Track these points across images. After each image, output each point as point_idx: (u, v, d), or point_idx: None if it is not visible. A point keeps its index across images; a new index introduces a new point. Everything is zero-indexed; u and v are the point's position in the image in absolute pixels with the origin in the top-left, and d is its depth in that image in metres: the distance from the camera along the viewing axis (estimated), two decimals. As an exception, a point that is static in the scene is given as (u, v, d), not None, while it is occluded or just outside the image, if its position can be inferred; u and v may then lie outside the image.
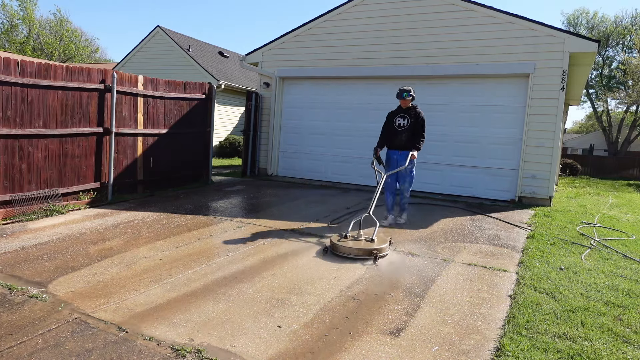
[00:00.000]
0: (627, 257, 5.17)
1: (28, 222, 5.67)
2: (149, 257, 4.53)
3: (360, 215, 5.42)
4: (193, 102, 8.88)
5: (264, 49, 10.93)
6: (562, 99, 8.21)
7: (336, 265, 4.49)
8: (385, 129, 6.39)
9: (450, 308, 3.58)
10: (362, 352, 2.87)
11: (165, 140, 8.31)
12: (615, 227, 6.86)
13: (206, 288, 3.79)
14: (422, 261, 4.75)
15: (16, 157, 5.91)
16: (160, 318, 3.22)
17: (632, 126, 31.54)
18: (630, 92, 25.97)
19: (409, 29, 9.34)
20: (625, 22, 32.46)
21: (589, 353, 2.90)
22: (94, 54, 42.08)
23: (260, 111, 11.02)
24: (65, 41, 36.70)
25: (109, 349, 2.78)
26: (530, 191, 8.45)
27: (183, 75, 15.71)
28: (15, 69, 5.81)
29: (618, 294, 3.94)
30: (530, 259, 4.87)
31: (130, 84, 7.51)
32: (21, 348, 2.75)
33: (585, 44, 8.12)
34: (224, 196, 8.13)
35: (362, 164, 10.09)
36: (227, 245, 5.10)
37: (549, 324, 3.29)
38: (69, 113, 6.56)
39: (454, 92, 9.16)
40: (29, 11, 34.05)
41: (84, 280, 3.86)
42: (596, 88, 34.61)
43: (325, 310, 3.45)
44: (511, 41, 8.49)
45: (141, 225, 5.77)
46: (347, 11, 9.99)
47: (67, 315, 3.20)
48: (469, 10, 8.81)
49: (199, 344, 2.88)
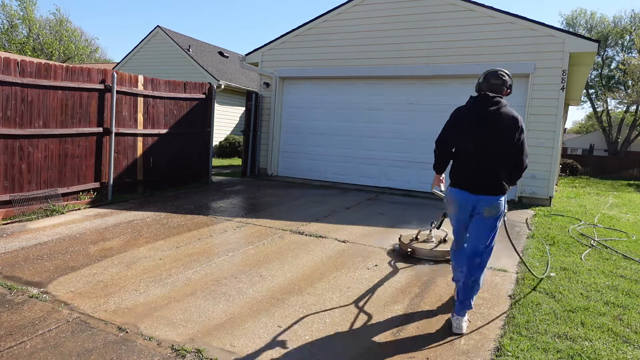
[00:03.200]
0: (627, 257, 5.17)
1: (28, 222, 5.67)
2: (149, 257, 4.53)
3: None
4: (193, 102, 8.88)
5: (264, 49, 10.93)
6: (562, 99, 8.21)
7: (334, 265, 4.49)
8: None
9: (451, 308, 3.58)
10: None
11: (165, 140, 8.30)
12: (615, 227, 6.86)
13: (206, 288, 3.79)
14: (421, 261, 4.76)
15: (16, 157, 5.91)
16: (160, 318, 3.22)
17: (632, 126, 31.54)
18: (630, 92, 25.99)
19: (409, 29, 9.34)
20: (624, 23, 32.47)
21: (589, 353, 2.90)
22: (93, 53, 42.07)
23: (260, 111, 11.02)
24: (65, 41, 36.69)
25: (109, 349, 2.78)
26: (530, 191, 8.45)
27: (183, 75, 15.70)
28: (15, 69, 5.81)
29: (618, 294, 3.94)
30: (530, 259, 4.87)
31: (130, 84, 7.51)
32: (21, 348, 2.75)
33: (585, 44, 8.13)
34: (224, 196, 8.13)
35: (362, 164, 10.10)
36: (227, 245, 5.10)
37: (549, 324, 3.29)
38: (69, 113, 6.56)
39: (454, 92, 9.16)
40: (29, 11, 34.04)
41: (84, 280, 3.86)
42: (596, 88, 34.61)
43: (325, 310, 3.46)
44: (511, 41, 8.49)
45: (141, 225, 5.77)
46: (347, 11, 9.99)
47: (67, 315, 3.20)
48: (469, 10, 8.81)
49: (199, 344, 2.88)
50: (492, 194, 3.19)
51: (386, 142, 9.85)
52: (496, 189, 3.20)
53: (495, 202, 3.19)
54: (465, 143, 3.27)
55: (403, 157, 9.67)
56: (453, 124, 3.36)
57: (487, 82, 3.29)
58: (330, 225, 6.18)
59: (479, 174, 3.21)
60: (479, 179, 3.21)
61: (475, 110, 3.25)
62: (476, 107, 3.26)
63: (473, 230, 3.31)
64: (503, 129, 3.15)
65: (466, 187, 3.25)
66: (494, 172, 3.18)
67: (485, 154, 3.18)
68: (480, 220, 3.25)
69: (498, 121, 3.17)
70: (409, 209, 7.64)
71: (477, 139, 3.20)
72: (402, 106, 9.70)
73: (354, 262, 4.62)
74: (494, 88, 3.27)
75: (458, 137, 3.33)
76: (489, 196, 3.19)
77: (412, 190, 9.38)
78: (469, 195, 3.24)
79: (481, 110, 3.22)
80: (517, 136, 3.15)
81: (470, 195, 3.23)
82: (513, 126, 3.15)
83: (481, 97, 3.26)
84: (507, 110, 3.19)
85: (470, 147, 3.23)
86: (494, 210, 3.21)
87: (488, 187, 3.19)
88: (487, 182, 3.20)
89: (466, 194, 3.25)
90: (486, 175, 3.19)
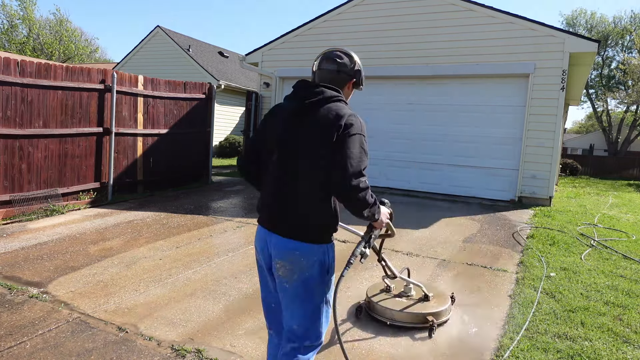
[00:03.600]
0: (627, 257, 5.17)
1: (28, 222, 5.67)
2: (149, 257, 4.53)
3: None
4: (193, 102, 8.88)
5: (264, 49, 10.93)
6: (562, 99, 8.21)
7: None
8: None
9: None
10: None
11: (165, 140, 8.30)
12: (615, 227, 6.86)
13: (206, 288, 3.79)
14: (422, 260, 4.75)
15: (16, 157, 5.91)
16: (160, 318, 3.22)
17: (632, 126, 31.53)
18: (630, 92, 25.97)
19: (408, 29, 9.34)
20: (624, 22, 32.47)
21: (589, 353, 2.90)
22: (93, 53, 42.04)
23: (260, 111, 11.01)
24: (65, 41, 36.67)
25: (109, 349, 2.78)
26: (530, 191, 8.44)
27: (183, 75, 15.70)
28: (15, 69, 5.81)
29: (618, 294, 3.94)
30: (530, 259, 4.87)
31: (130, 84, 7.51)
32: (21, 348, 2.75)
33: (585, 44, 8.12)
34: (224, 196, 8.13)
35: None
36: (227, 245, 5.10)
37: (548, 324, 3.29)
38: (69, 113, 6.56)
39: (453, 92, 9.16)
40: (29, 11, 34.03)
41: (83, 280, 3.86)
42: (596, 88, 34.59)
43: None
44: (511, 41, 8.49)
45: (141, 225, 5.77)
46: (347, 11, 9.99)
47: (67, 315, 3.20)
48: (468, 10, 8.81)
49: (199, 344, 2.88)
50: (287, 235, 1.97)
51: (386, 142, 9.85)
52: (297, 227, 1.97)
53: (290, 249, 1.96)
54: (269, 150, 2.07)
55: (403, 157, 9.66)
56: (260, 123, 2.22)
57: (319, 68, 2.17)
58: (330, 225, 6.16)
59: (278, 199, 2.02)
60: (276, 208, 2.02)
61: (285, 105, 2.10)
62: (286, 100, 2.10)
63: (281, 297, 2.08)
64: (319, 131, 1.93)
65: (261, 220, 2.11)
66: (301, 195, 1.96)
67: (288, 168, 1.99)
68: (279, 281, 2.04)
69: (312, 120, 1.96)
70: (408, 209, 7.64)
71: (281, 145, 2.02)
72: (402, 106, 9.70)
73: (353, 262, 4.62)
74: (324, 76, 2.13)
75: (261, 142, 2.14)
76: (282, 238, 1.98)
77: (412, 190, 9.37)
78: (263, 233, 2.08)
79: (290, 105, 2.06)
80: (340, 140, 1.88)
81: (264, 233, 2.07)
82: (333, 126, 1.90)
83: (299, 85, 2.08)
84: (330, 107, 1.96)
85: (272, 158, 2.05)
86: (290, 265, 1.97)
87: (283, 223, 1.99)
88: (284, 214, 1.99)
89: (261, 231, 2.10)
90: (285, 203, 1.99)
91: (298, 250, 1.95)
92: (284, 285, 2.01)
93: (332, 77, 2.11)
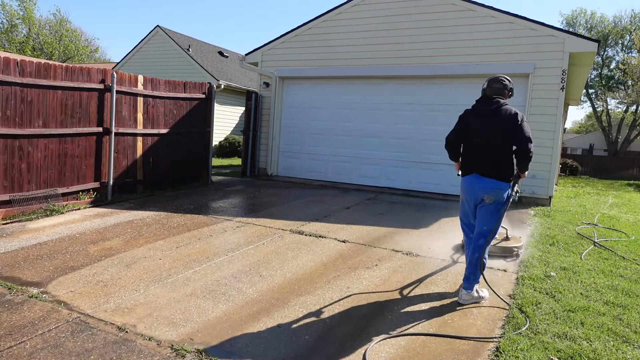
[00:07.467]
0: (626, 257, 5.17)
1: (28, 222, 5.67)
2: (149, 257, 4.53)
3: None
4: (193, 102, 8.87)
5: (264, 48, 10.93)
6: (562, 99, 8.21)
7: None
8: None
9: (451, 307, 3.59)
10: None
11: (165, 140, 8.30)
12: (615, 227, 6.86)
13: (206, 288, 3.79)
14: (421, 260, 4.76)
15: (16, 157, 5.91)
16: (160, 318, 3.22)
17: (632, 126, 31.54)
18: (630, 92, 25.97)
19: (408, 29, 9.34)
20: (625, 22, 32.46)
21: (589, 353, 2.90)
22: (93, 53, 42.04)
23: (260, 111, 11.02)
24: (64, 41, 36.68)
25: (108, 349, 2.78)
26: (530, 191, 8.45)
27: (183, 75, 15.71)
28: (15, 68, 5.81)
29: (618, 294, 3.94)
30: (530, 259, 4.87)
31: (130, 84, 7.51)
32: (21, 348, 2.75)
33: (585, 43, 8.12)
34: (224, 196, 8.13)
35: (362, 164, 10.09)
36: (227, 245, 5.10)
37: (548, 324, 3.29)
38: (69, 113, 6.55)
39: (454, 92, 9.16)
40: (29, 11, 34.02)
41: (83, 280, 3.86)
42: (596, 88, 34.59)
43: (325, 310, 3.46)
44: (511, 41, 8.49)
45: (141, 225, 5.77)
46: (347, 11, 9.98)
47: (66, 315, 3.20)
48: (468, 10, 8.81)
49: (198, 344, 2.88)
50: (494, 178, 3.67)
51: (386, 142, 9.85)
52: (498, 175, 3.66)
53: (496, 187, 3.65)
54: (469, 137, 3.84)
55: (403, 157, 9.66)
56: (459, 122, 3.96)
57: (490, 86, 3.82)
58: (330, 225, 6.18)
59: (481, 163, 3.73)
60: (481, 167, 3.73)
61: (478, 109, 3.83)
62: (478, 106, 3.85)
63: (478, 214, 3.81)
64: (502, 123, 3.63)
65: (470, 173, 3.82)
66: (494, 160, 3.67)
67: (486, 146, 3.69)
68: (483, 205, 3.74)
69: (497, 117, 3.65)
70: (408, 209, 7.65)
71: (478, 135, 3.75)
72: (402, 106, 9.70)
73: (353, 262, 4.62)
74: (495, 91, 3.78)
75: (463, 133, 3.88)
76: (490, 181, 3.68)
77: (412, 190, 9.37)
78: (472, 180, 3.78)
79: (482, 109, 3.78)
80: (517, 127, 3.56)
81: (473, 181, 3.77)
82: (512, 120, 3.59)
83: (482, 98, 3.84)
84: (506, 108, 3.66)
85: (474, 141, 3.79)
86: (493, 197, 3.66)
87: (489, 174, 3.69)
88: (487, 170, 3.70)
89: (470, 179, 3.80)
90: (487, 164, 3.70)
91: (498, 186, 3.66)
92: (487, 206, 3.72)
93: (499, 92, 3.80)
